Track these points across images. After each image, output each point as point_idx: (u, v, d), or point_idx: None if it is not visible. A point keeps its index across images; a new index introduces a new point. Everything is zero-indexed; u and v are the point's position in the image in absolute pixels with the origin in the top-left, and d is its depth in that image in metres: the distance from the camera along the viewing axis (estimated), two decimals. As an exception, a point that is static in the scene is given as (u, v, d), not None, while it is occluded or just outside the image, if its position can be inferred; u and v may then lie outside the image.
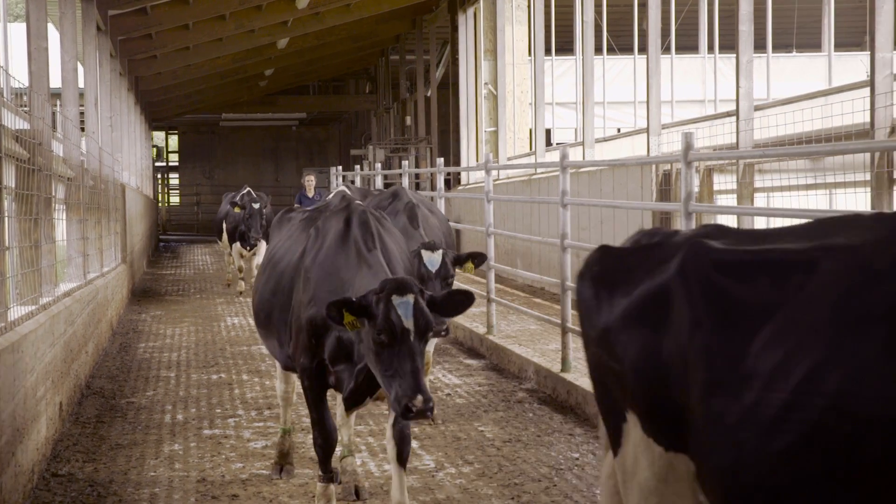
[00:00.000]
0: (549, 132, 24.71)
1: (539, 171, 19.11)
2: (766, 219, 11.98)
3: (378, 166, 22.47)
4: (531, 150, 22.60)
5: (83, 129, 15.38)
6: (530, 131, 23.48)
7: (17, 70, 11.53)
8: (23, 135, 8.35)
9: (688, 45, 25.21)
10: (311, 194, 19.78)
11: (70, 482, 7.44)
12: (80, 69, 15.91)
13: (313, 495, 6.78)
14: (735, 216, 12.07)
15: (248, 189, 20.34)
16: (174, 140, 55.01)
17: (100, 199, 14.45)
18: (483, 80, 25.00)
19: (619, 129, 23.98)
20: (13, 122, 7.88)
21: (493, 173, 17.26)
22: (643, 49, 17.58)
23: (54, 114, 11.10)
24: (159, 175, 53.15)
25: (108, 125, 18.05)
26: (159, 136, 53.81)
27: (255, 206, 19.49)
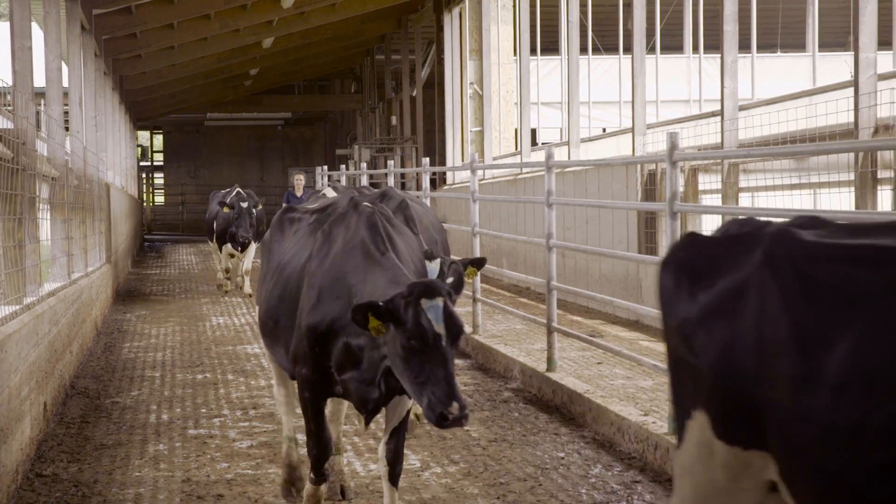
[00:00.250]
0: (534, 132, 24.78)
1: (524, 170, 19.13)
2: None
3: (364, 166, 22.43)
4: (517, 149, 22.62)
5: (67, 128, 15.33)
6: (516, 131, 23.51)
7: (0, 69, 11.48)
8: (6, 134, 8.32)
9: (673, 45, 25.29)
10: (299, 194, 19.73)
11: (54, 482, 7.42)
12: (65, 68, 15.85)
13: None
14: (720, 216, 12.12)
15: (237, 188, 20.18)
16: (159, 139, 54.90)
17: (84, 198, 14.41)
18: (468, 80, 25.01)
19: (604, 129, 24.04)
20: (-3, 121, 7.86)
21: (479, 173, 17.26)
22: (628, 49, 17.63)
23: (38, 113, 11.09)
24: (144, 175, 53.04)
25: (92, 124, 18.00)
26: (144, 135, 53.74)
27: (244, 205, 19.32)
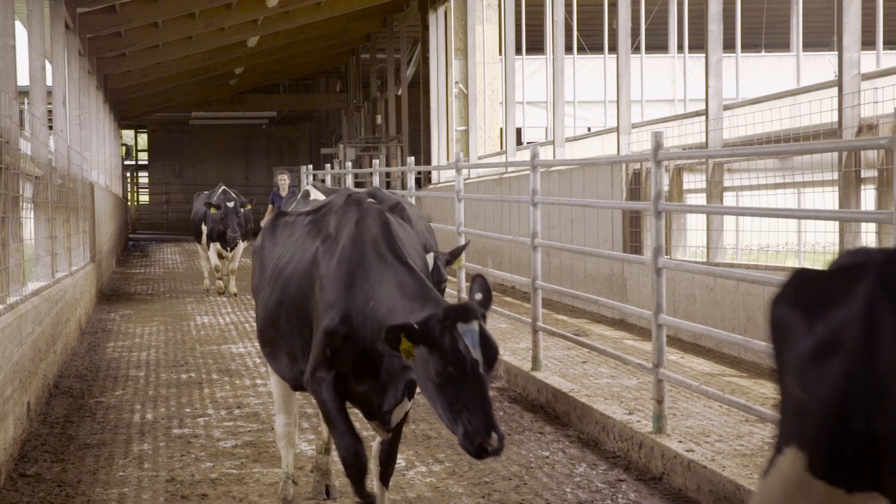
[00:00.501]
0: (519, 131, 24.79)
1: (509, 169, 19.13)
2: (735, 217, 12.06)
3: (349, 165, 22.41)
4: (502, 148, 22.63)
5: (51, 127, 15.28)
6: (501, 130, 23.51)
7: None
8: (-10, 133, 8.29)
9: (658, 44, 25.34)
10: (284, 193, 19.70)
11: (38, 482, 7.39)
12: (48, 67, 15.79)
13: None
14: (704, 215, 12.14)
15: (223, 188, 20.15)
16: (144, 138, 54.78)
17: (68, 197, 14.36)
18: (454, 79, 25.02)
19: (589, 129, 24.06)
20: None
21: (464, 172, 17.27)
22: (613, 48, 17.65)
23: (22, 112, 11.04)
24: (128, 174, 52.92)
25: (76, 123, 17.94)
26: (129, 134, 53.60)
27: (230, 204, 19.34)
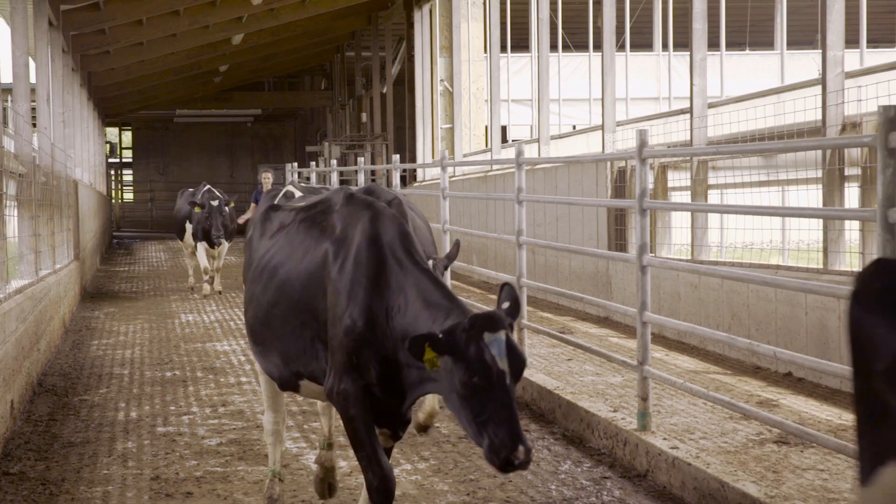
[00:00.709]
0: (504, 129, 24.79)
1: (495, 167, 19.14)
2: (720, 215, 12.10)
3: (334, 163, 22.37)
4: (487, 146, 22.65)
5: (35, 124, 15.23)
6: (486, 128, 23.53)
7: (-33, 65, 11.40)
8: (-27, 130, 8.26)
9: (642, 42, 25.36)
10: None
11: (21, 481, 7.36)
12: (32, 64, 15.74)
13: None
14: (689, 213, 12.17)
15: (207, 186, 20.10)
16: (128, 136, 54.63)
17: (52, 195, 14.31)
18: (439, 77, 25.01)
19: (574, 126, 24.08)
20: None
21: (449, 170, 17.27)
22: (598, 46, 17.67)
23: (5, 109, 11.00)
24: (113, 171, 52.77)
25: (60, 121, 17.89)
26: (113, 132, 53.44)
27: (214, 203, 19.30)
